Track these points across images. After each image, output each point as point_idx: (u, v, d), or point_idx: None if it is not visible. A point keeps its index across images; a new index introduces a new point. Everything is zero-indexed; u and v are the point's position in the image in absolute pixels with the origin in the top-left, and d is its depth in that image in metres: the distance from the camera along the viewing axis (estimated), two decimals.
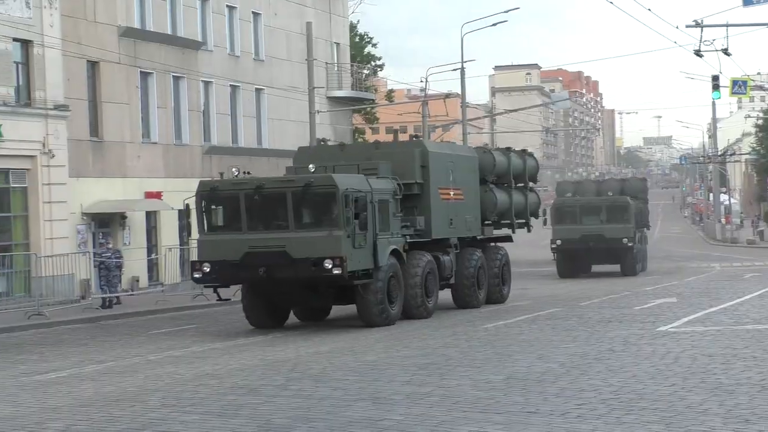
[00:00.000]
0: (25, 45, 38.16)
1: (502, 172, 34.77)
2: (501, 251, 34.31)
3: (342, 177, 26.26)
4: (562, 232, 51.32)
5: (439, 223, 29.79)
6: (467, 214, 31.73)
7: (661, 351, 19.68)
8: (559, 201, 54.23)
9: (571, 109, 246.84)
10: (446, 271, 30.02)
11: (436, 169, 29.74)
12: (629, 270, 51.53)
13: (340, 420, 13.45)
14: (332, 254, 25.05)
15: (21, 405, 15.57)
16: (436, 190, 29.67)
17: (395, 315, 27.01)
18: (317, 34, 52.92)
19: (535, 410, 13.77)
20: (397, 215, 27.90)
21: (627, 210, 51.23)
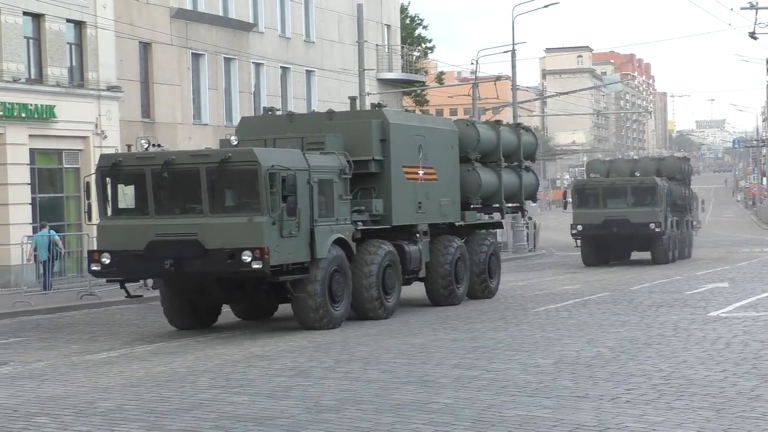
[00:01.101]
0: (79, 26, 38.43)
1: (489, 148, 30.57)
2: (488, 240, 30.05)
3: (267, 151, 22.26)
4: (583, 216, 46.32)
5: (403, 207, 25.67)
6: (442, 197, 27.51)
7: (712, 336, 19.55)
8: (580, 182, 50.63)
9: (622, 92, 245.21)
10: (413, 263, 26.05)
11: (400, 144, 25.50)
12: (660, 258, 46.77)
13: (389, 402, 13.47)
14: (252, 244, 20.86)
15: (72, 384, 15.71)
16: (399, 169, 25.48)
17: (339, 316, 22.94)
18: (368, 16, 52.92)
19: (584, 395, 13.72)
20: (345, 198, 23.71)
21: (655, 192, 45.93)
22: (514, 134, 32.36)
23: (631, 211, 45.52)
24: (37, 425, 12.65)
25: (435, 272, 27.35)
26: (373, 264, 24.16)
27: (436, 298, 27.62)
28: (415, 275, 26.79)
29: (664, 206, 46.43)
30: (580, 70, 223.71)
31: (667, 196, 47.15)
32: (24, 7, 36.01)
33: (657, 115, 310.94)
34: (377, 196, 25.04)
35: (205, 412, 13.10)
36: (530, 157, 33.51)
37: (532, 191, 33.68)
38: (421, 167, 26.50)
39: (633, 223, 45.23)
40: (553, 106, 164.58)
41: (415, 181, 26.22)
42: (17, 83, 35.76)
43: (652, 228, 45.48)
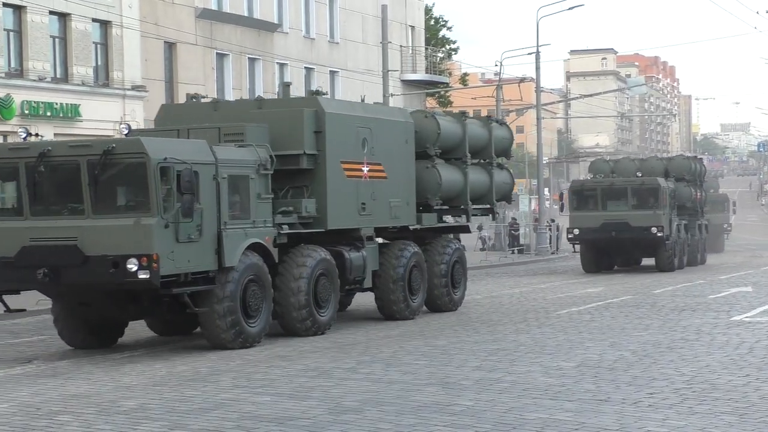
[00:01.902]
0: (104, 26, 38.61)
1: (453, 143, 27.34)
2: (451, 246, 26.88)
3: (159, 142, 19.12)
4: (580, 219, 43.26)
5: (342, 209, 22.62)
6: (393, 198, 24.49)
7: (735, 341, 19.48)
8: (578, 183, 47.23)
9: (647, 95, 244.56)
10: (354, 271, 23.08)
11: (339, 136, 22.49)
12: (665, 265, 43.56)
13: (410, 404, 13.47)
14: (139, 251, 17.82)
15: (96, 383, 15.77)
16: (337, 165, 22.45)
17: (256, 333, 20.02)
18: (392, 17, 52.96)
19: (606, 398, 13.70)
20: (265, 197, 20.67)
21: (657, 193, 42.75)
22: (484, 128, 29.08)
23: (631, 214, 42.58)
24: (59, 423, 12.70)
25: (386, 282, 24.46)
26: (302, 274, 21.13)
27: (388, 311, 24.69)
28: (359, 285, 23.79)
29: (668, 209, 43.52)
30: (604, 73, 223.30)
31: (672, 198, 44.35)
32: (50, 6, 36.20)
33: (681, 118, 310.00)
34: (310, 196, 22.09)
35: (227, 412, 13.13)
36: (504, 153, 30.09)
37: (506, 191, 30.19)
38: (366, 163, 23.50)
39: (633, 227, 42.26)
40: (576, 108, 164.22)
41: (357, 179, 23.17)
42: (43, 82, 35.95)
43: (653, 232, 42.38)
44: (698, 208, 50.05)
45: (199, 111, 23.00)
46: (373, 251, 24.04)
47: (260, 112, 22.34)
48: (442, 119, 27.22)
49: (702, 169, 51.95)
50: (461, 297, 27.42)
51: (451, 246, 26.91)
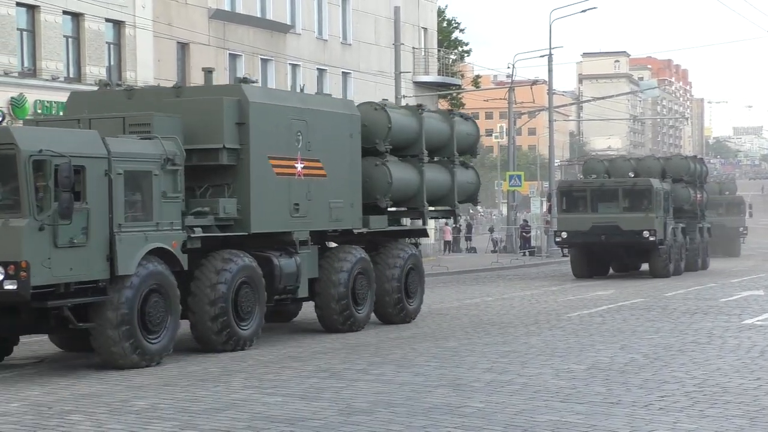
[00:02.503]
0: (117, 26, 38.69)
1: (407, 138, 24.93)
2: (405, 251, 24.57)
3: (34, 132, 17.50)
4: (568, 222, 41.06)
5: (269, 210, 20.33)
6: (333, 198, 22.17)
7: (746, 344, 19.47)
8: (566, 183, 45.00)
9: (659, 98, 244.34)
10: (285, 279, 20.73)
11: (266, 129, 20.22)
12: (659, 270, 41.27)
13: (421, 405, 13.49)
14: (6, 257, 15.73)
15: (108, 382, 15.80)
16: (264, 161, 20.18)
17: (157, 350, 17.71)
18: (405, 19, 52.98)
19: (617, 401, 13.70)
20: (172, 196, 18.24)
21: (650, 195, 40.37)
22: (444, 122, 26.56)
23: (622, 217, 40.32)
24: (71, 422, 12.73)
25: (326, 292, 22.23)
26: (219, 280, 19.00)
27: (329, 323, 22.46)
28: (291, 295, 21.33)
29: (662, 211, 41.06)
30: (617, 75, 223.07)
31: (666, 200, 41.74)
32: (64, 6, 36.28)
33: (694, 121, 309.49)
34: (231, 195, 19.80)
35: (238, 413, 13.15)
36: (469, 150, 27.73)
37: (471, 192, 27.63)
38: (301, 160, 21.20)
39: (624, 231, 39.87)
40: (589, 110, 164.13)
41: (290, 177, 20.90)
42: (56, 82, 36.01)
43: (645, 236, 39.93)
44: (698, 210, 47.67)
45: (111, 99, 20.57)
46: (309, 257, 21.72)
47: (178, 101, 19.94)
48: (394, 112, 24.79)
49: (703, 170, 49.62)
50: (417, 308, 25.01)
51: (406, 251, 24.61)
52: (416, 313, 24.94)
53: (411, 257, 24.75)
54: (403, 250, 24.64)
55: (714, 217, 63.14)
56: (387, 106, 24.78)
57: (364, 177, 23.40)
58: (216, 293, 18.97)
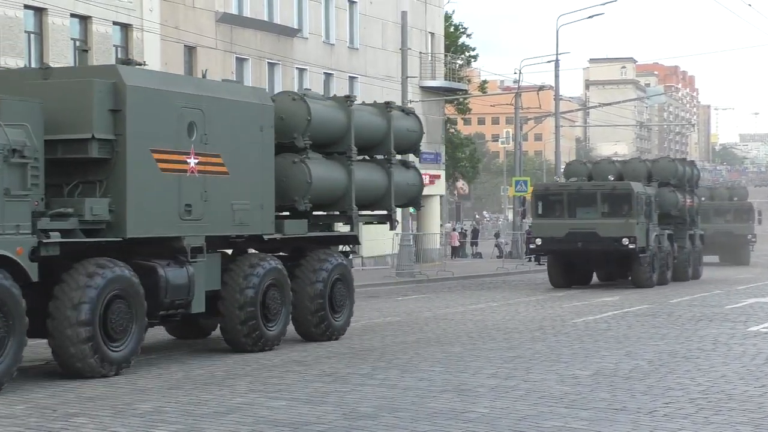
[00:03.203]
0: (125, 29, 38.76)
1: (332, 133, 22.38)
2: (330, 260, 21.82)
3: None
4: (543, 228, 38.92)
5: (150, 211, 17.52)
6: (238, 199, 19.46)
7: (751, 351, 19.45)
8: (541, 187, 42.31)
9: (666, 104, 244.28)
10: (173, 293, 17.93)
11: (149, 118, 17.50)
12: (642, 280, 38.88)
13: (425, 410, 13.48)
14: None
15: (112, 385, 15.80)
16: (145, 154, 17.41)
17: None
18: (412, 24, 53.01)
19: (621, 407, 13.68)
20: (18, 194, 15.63)
21: (630, 200, 38.07)
22: (380, 117, 23.86)
23: (600, 223, 37.92)
24: (75, 425, 12.73)
25: (230, 306, 19.55)
26: (83, 298, 16.23)
27: (235, 342, 19.79)
28: (183, 310, 18.50)
29: (644, 217, 38.75)
30: (623, 81, 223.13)
31: (648, 205, 39.33)
32: (72, 9, 36.35)
33: (700, 127, 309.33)
34: (104, 194, 17.07)
35: (242, 416, 13.16)
36: (411, 148, 25.37)
37: (412, 194, 25.08)
38: (195, 154, 18.43)
39: (602, 237, 37.61)
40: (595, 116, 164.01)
41: (180, 174, 18.16)
42: None
43: (624, 244, 37.58)
44: (687, 216, 44.93)
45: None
46: (207, 267, 18.95)
47: (43, 83, 17.33)
48: (316, 103, 22.03)
49: (694, 173, 47.24)
50: (344, 324, 22.41)
51: (331, 261, 21.90)
52: (344, 330, 22.29)
53: (337, 267, 22.01)
54: (328, 259, 21.84)
55: (721, 224, 62.68)
56: (308, 96, 22.12)
57: (279, 176, 20.75)
58: (80, 313, 16.20)
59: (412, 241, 47.28)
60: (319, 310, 21.50)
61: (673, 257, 42.61)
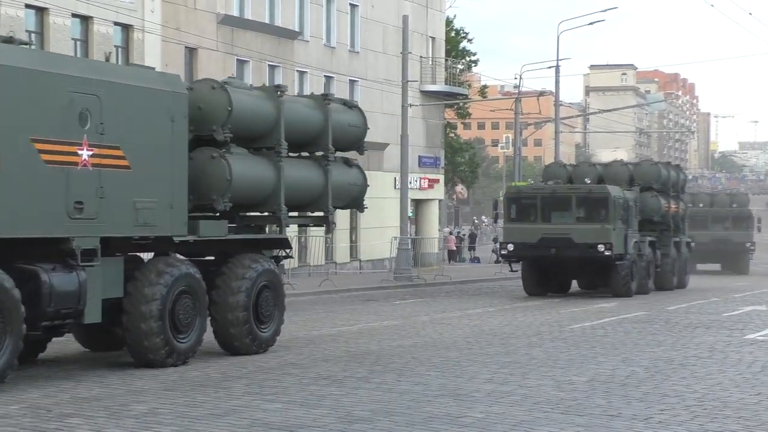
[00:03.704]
0: (126, 29, 38.75)
1: (260, 126, 20.30)
2: (256, 267, 19.69)
3: None
4: (515, 233, 37.00)
5: (30, 208, 15.64)
6: (143, 196, 17.51)
7: (747, 359, 19.45)
8: (514, 189, 39.85)
9: (666, 111, 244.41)
10: (57, 300, 16.02)
11: (28, 103, 15.62)
12: (619, 289, 37.03)
13: (421, 415, 13.48)
14: None
15: (108, 386, 15.80)
16: (23, 144, 15.53)
17: None
18: (413, 28, 53.02)
19: (617, 414, 13.69)
20: None
21: (606, 204, 36.28)
22: (316, 109, 21.66)
23: (575, 228, 36.10)
24: (70, 426, 12.73)
25: (135, 317, 17.55)
26: None
27: (141, 355, 17.80)
28: (73, 320, 16.62)
29: (621, 223, 36.76)
30: (623, 88, 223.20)
31: (625, 210, 37.28)
32: (73, 9, 36.34)
33: (700, 135, 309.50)
34: None
35: (237, 419, 13.15)
36: (354, 145, 23.09)
37: (354, 195, 23.06)
38: (89, 145, 16.47)
39: (577, 244, 35.70)
40: (595, 123, 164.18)
41: (69, 167, 16.23)
42: None
43: (600, 250, 35.59)
44: (671, 222, 42.96)
45: None
46: (104, 272, 16.92)
47: None
48: (240, 92, 20.03)
49: (679, 177, 45.17)
50: (272, 335, 20.36)
51: (256, 267, 19.76)
52: (272, 341, 20.40)
53: (264, 274, 19.92)
54: (251, 266, 19.71)
55: (720, 231, 62.52)
56: (230, 84, 20.10)
57: (196, 172, 18.90)
58: None
59: (410, 245, 47.30)
60: (242, 321, 19.48)
61: (655, 265, 41.09)
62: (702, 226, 61.65)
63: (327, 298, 36.36)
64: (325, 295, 37.54)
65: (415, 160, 55.89)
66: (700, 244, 60.25)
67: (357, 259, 53.08)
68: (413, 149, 52.69)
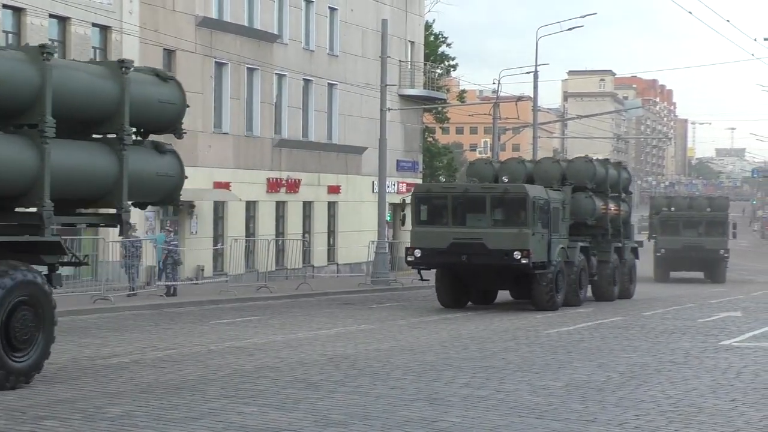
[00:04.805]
0: (104, 31, 38.65)
1: (19, 98, 15.77)
2: (6, 279, 15.22)
3: None
4: (422, 237, 32.49)
5: None
6: None
7: (723, 365, 19.51)
8: (422, 188, 35.94)
9: (643, 117, 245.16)
10: None
11: None
12: (542, 301, 32.78)
13: (396, 419, 13.48)
14: None
15: (82, 389, 15.75)
16: None
17: None
18: (392, 32, 53.04)
19: (592, 419, 13.71)
20: None
21: (524, 206, 31.82)
22: (108, 79, 17.08)
23: (489, 233, 31.58)
24: (45, 428, 12.68)
25: None
26: None
27: None
28: None
29: (542, 227, 32.33)
30: (601, 94, 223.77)
31: (545, 213, 32.73)
32: (50, 9, 36.21)
33: (677, 141, 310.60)
34: None
35: (213, 422, 13.12)
36: (168, 127, 18.53)
37: (166, 189, 18.41)
38: None
39: (490, 250, 31.28)
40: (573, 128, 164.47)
41: None
42: None
43: (516, 258, 31.18)
44: (608, 225, 38.46)
45: None
46: None
47: None
48: None
49: (621, 176, 40.78)
50: (33, 365, 15.82)
51: (5, 280, 15.30)
52: (32, 374, 15.89)
53: (19, 287, 15.50)
54: (4, 276, 15.31)
55: (692, 237, 59.16)
56: None
57: None
58: None
59: (388, 249, 47.30)
60: None
61: (590, 274, 36.73)
62: (673, 232, 59.93)
63: (304, 301, 36.31)
64: (302, 298, 37.49)
65: (394, 164, 55.94)
66: (671, 251, 59.18)
67: (334, 262, 53.07)
68: (391, 153, 52.74)
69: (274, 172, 48.12)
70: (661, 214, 61.66)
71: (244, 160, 46.11)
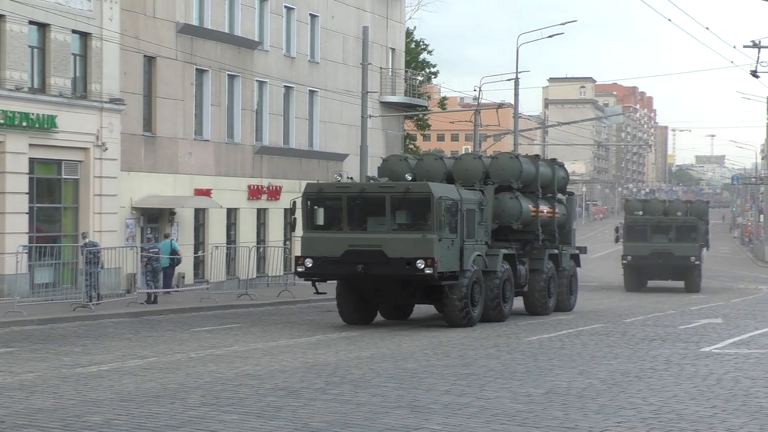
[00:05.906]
0: (84, 37, 38.53)
1: None
2: None
3: None
4: (315, 245, 28.71)
5: None
6: None
7: (703, 372, 19.54)
8: (313, 188, 29.42)
9: (623, 124, 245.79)
10: None
11: None
12: (453, 317, 28.94)
13: (377, 426, 13.45)
14: None
15: (62, 397, 15.68)
16: None
17: None
18: (373, 39, 53.07)
19: (573, 426, 13.70)
20: None
21: (429, 207, 27.71)
22: None
23: (389, 239, 27.81)
24: None
25: None
26: None
27: None
28: None
29: (450, 232, 28.41)
30: (582, 101, 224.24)
31: (454, 215, 28.70)
32: (30, 16, 36.09)
33: (657, 148, 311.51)
34: None
35: (194, 430, 13.08)
36: None
37: None
38: None
39: (390, 259, 27.61)
40: (554, 135, 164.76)
41: None
42: (20, 92, 35.80)
43: (419, 267, 27.39)
44: (539, 230, 33.90)
45: None
46: None
47: None
48: None
49: (556, 175, 36.44)
50: None
51: None
52: None
53: None
54: None
55: (662, 243, 55.35)
56: None
57: None
58: None
59: None
60: None
61: (518, 285, 32.42)
62: (641, 238, 55.96)
63: (285, 308, 36.27)
64: (284, 305, 37.45)
65: (375, 171, 55.81)
66: (639, 257, 54.82)
67: None
68: (372, 160, 52.64)
69: (255, 179, 48.08)
70: (628, 218, 57.76)
71: (225, 167, 46.06)
